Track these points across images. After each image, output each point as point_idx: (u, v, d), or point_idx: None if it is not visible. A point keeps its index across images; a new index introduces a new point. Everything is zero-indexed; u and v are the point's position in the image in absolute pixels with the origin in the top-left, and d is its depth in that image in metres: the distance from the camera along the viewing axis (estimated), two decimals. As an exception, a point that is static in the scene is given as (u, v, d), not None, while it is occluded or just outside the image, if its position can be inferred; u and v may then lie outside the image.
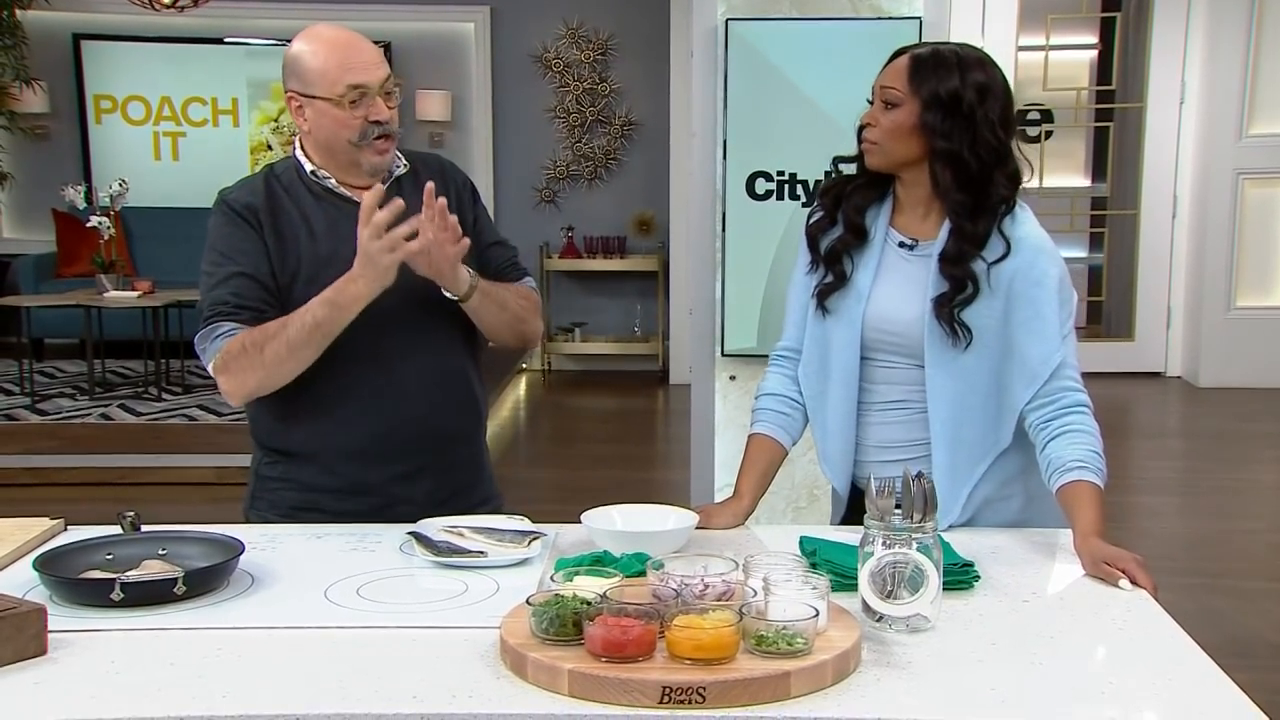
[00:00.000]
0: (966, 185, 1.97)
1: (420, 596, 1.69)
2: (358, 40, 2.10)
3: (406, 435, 2.12)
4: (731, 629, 1.38)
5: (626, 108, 8.39)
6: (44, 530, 1.93)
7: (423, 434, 2.14)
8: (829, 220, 2.11)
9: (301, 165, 2.15)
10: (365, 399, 2.09)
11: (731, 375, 3.34)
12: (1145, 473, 5.89)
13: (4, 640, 1.43)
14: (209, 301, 2.08)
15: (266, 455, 2.21)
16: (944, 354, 1.99)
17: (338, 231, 2.09)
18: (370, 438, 2.11)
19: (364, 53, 2.08)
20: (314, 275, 2.07)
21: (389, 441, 2.11)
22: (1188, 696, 1.40)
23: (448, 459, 2.18)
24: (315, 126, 2.10)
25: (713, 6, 3.26)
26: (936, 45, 2.04)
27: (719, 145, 3.27)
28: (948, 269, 1.98)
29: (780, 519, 3.22)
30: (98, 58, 8.87)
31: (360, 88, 2.04)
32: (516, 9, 8.34)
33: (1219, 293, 7.66)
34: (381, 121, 2.07)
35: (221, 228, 2.12)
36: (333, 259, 2.06)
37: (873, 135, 2.02)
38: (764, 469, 2.13)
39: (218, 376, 2.08)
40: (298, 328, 2.00)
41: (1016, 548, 1.92)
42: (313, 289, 2.05)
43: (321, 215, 2.12)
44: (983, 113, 1.96)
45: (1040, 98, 7.89)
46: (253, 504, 2.22)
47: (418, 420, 2.12)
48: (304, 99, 2.09)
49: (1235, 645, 3.68)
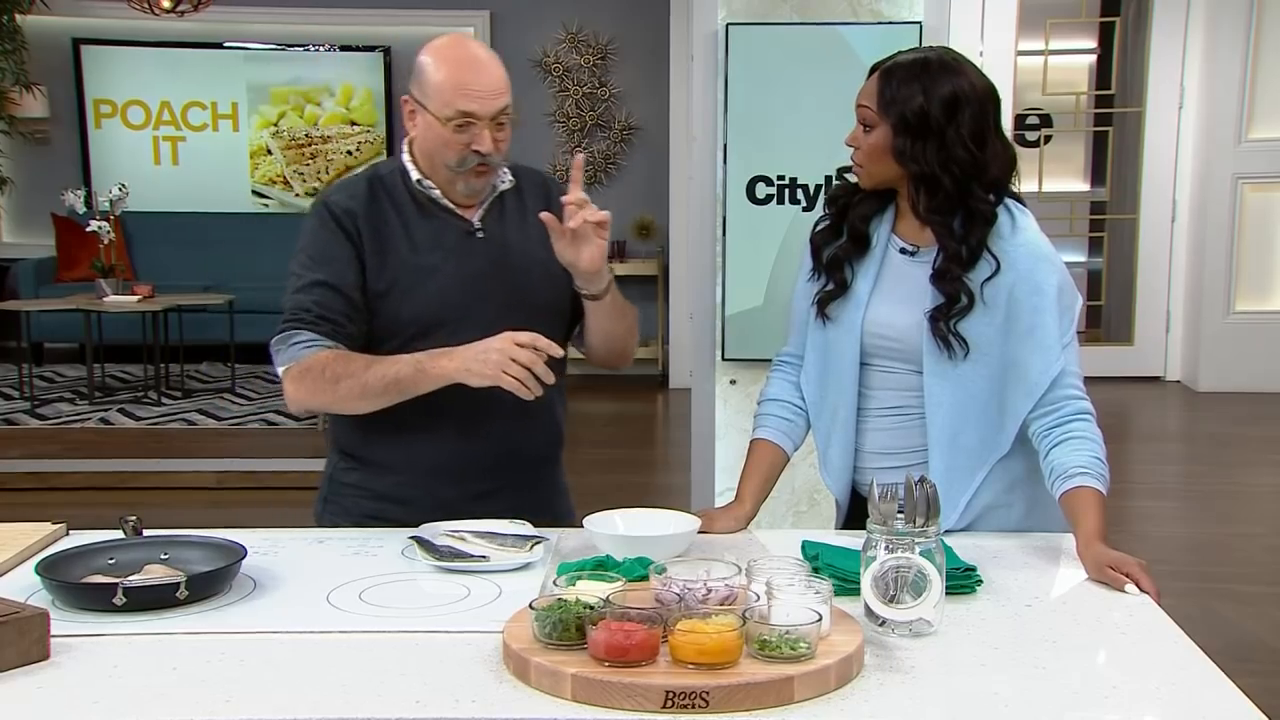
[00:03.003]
0: (944, 204, 1.96)
1: (422, 601, 1.69)
2: (484, 65, 2.02)
3: (488, 457, 2.10)
4: (734, 633, 1.38)
5: (626, 112, 8.40)
6: (46, 535, 1.93)
7: (504, 457, 2.11)
8: (834, 230, 2.11)
9: (408, 171, 2.11)
10: (451, 418, 2.04)
11: (732, 380, 3.34)
12: (1145, 477, 5.89)
13: (7, 645, 1.43)
14: (291, 305, 2.05)
15: (343, 460, 2.18)
16: (942, 364, 1.99)
17: (438, 243, 2.07)
18: (451, 456, 2.08)
19: (485, 80, 2.00)
20: (410, 287, 2.05)
21: (470, 462, 2.09)
22: (1191, 701, 1.40)
23: (526, 479, 2.14)
24: (421, 137, 2.06)
25: (713, 11, 3.26)
26: (905, 57, 2.00)
27: (719, 149, 3.28)
28: (938, 284, 1.98)
29: (781, 523, 3.22)
30: (97, 62, 8.88)
31: (469, 116, 1.99)
32: (516, 13, 8.35)
33: (1218, 297, 7.66)
34: (482, 152, 2.02)
35: (317, 230, 2.08)
36: (431, 272, 2.05)
37: (857, 158, 2.03)
38: (766, 474, 2.13)
39: (286, 383, 2.04)
40: (378, 377, 1.96)
41: (1019, 552, 1.92)
42: (409, 299, 2.03)
43: (423, 225, 2.09)
44: (953, 129, 1.94)
45: (1039, 102, 7.90)
46: (325, 507, 2.20)
47: (501, 443, 2.09)
48: (418, 106, 2.05)
49: (1237, 650, 3.68)
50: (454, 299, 2.07)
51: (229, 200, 9.03)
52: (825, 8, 3.21)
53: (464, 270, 2.08)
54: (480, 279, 2.08)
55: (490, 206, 2.13)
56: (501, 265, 2.10)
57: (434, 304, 2.06)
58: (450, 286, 2.07)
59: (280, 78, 9.00)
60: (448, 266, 2.02)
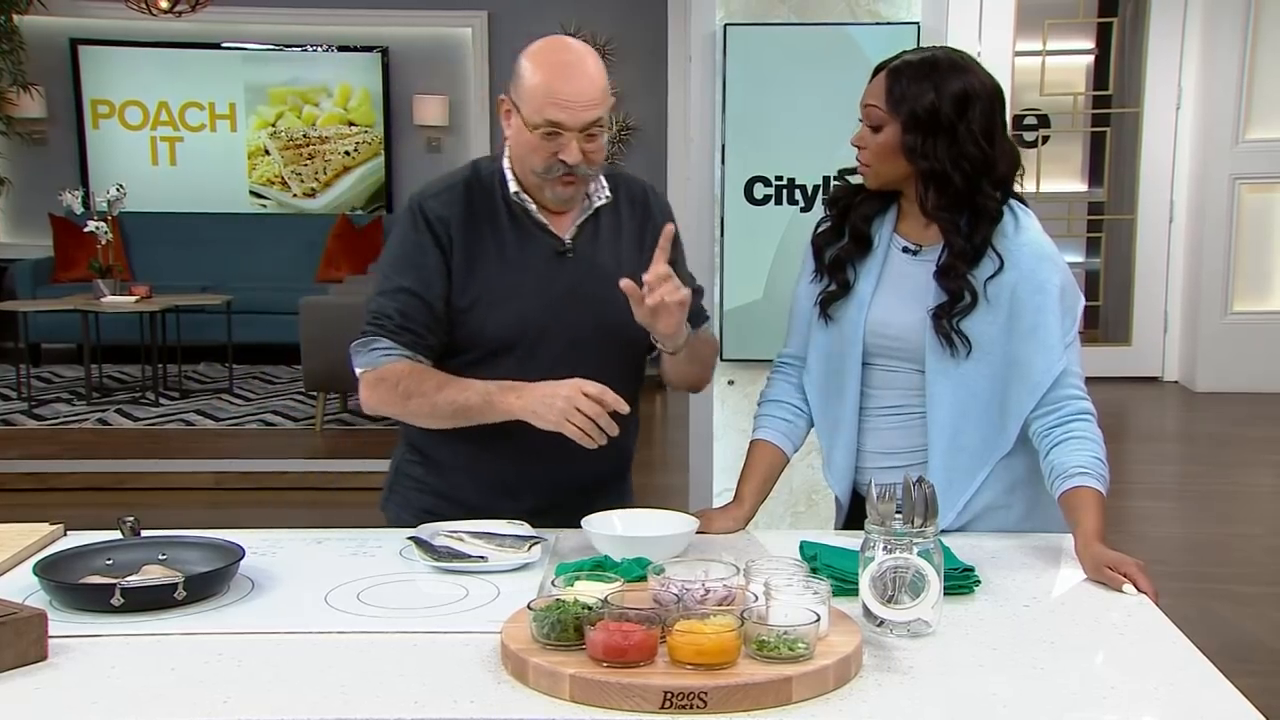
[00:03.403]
0: (954, 201, 1.96)
1: (421, 601, 1.69)
2: (581, 74, 1.97)
3: (554, 477, 2.07)
4: (733, 634, 1.38)
5: (624, 112, 8.40)
6: (44, 535, 1.93)
7: (565, 479, 2.07)
8: (836, 231, 2.11)
9: (506, 181, 2.07)
10: (517, 436, 1.97)
11: (730, 380, 3.35)
12: (1143, 477, 5.89)
13: (5, 645, 1.43)
14: (374, 308, 2.04)
15: (410, 452, 2.18)
16: (944, 362, 1.99)
17: (527, 257, 2.05)
18: (513, 472, 2.07)
19: (578, 90, 1.95)
20: (496, 301, 2.04)
21: (530, 481, 2.07)
22: (1189, 701, 1.40)
23: (588, 497, 2.07)
24: (514, 140, 2.04)
25: (711, 11, 3.27)
26: (912, 56, 2.00)
27: (717, 150, 3.28)
28: (942, 281, 1.98)
29: (779, 523, 3.22)
30: (95, 62, 8.88)
31: (557, 125, 1.95)
32: (514, 13, 8.36)
33: (1216, 297, 7.67)
34: (569, 163, 1.98)
35: (408, 233, 2.06)
36: (518, 288, 2.04)
37: (864, 158, 2.02)
38: (765, 475, 2.13)
39: (362, 387, 2.04)
40: (447, 402, 1.97)
41: (1017, 553, 1.92)
42: (493, 314, 2.03)
43: (515, 238, 2.06)
44: (964, 125, 1.94)
45: (1037, 103, 7.91)
46: (390, 497, 2.21)
47: (563, 467, 2.03)
48: (513, 107, 2.01)
49: (1235, 650, 3.68)
50: (534, 318, 2.05)
51: (226, 201, 9.04)
52: (823, 8, 3.21)
53: (549, 291, 2.06)
54: (563, 300, 2.06)
55: (584, 224, 2.10)
56: (586, 287, 2.07)
57: (514, 323, 2.05)
58: (533, 307, 2.05)
59: (278, 78, 9.00)
60: (533, 285, 2.01)
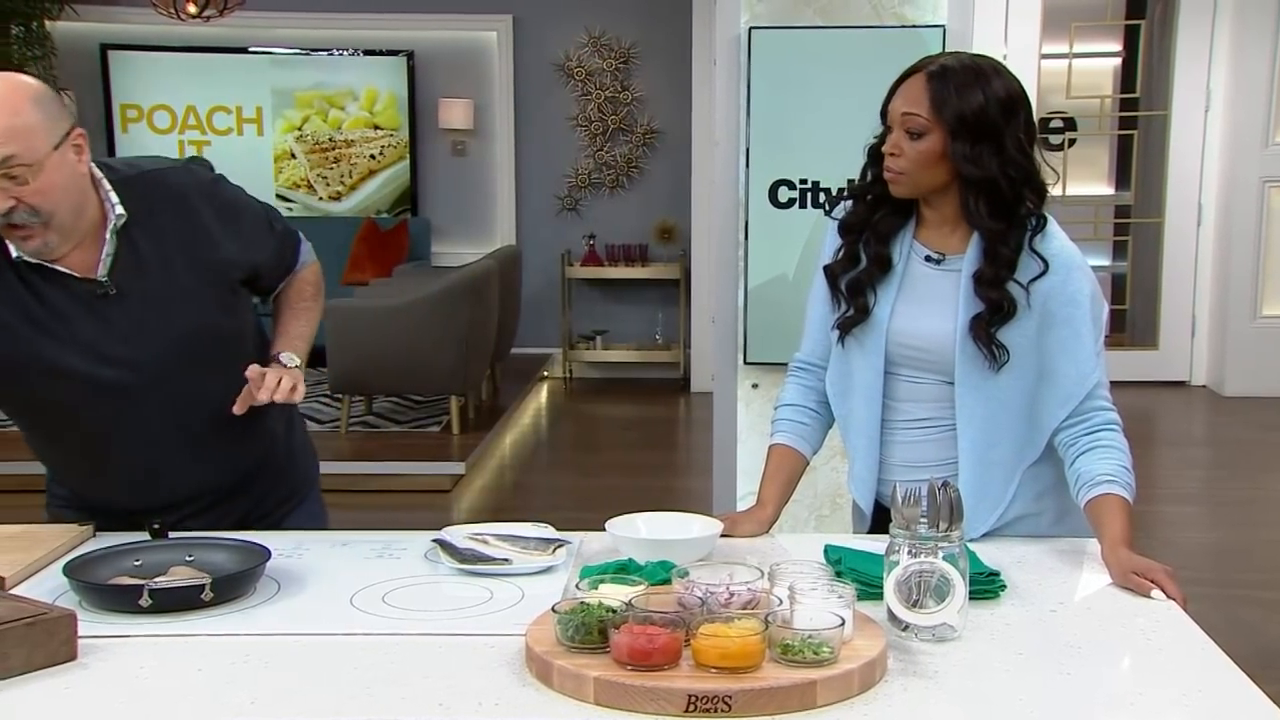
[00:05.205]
0: (999, 209, 1.91)
1: (445, 604, 1.69)
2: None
3: (179, 493, 2.02)
4: (757, 637, 1.38)
5: (649, 116, 8.40)
6: (74, 536, 1.94)
7: (202, 489, 2.03)
8: (851, 259, 2.03)
9: (6, 246, 1.82)
10: (126, 471, 1.96)
11: (754, 383, 3.34)
12: (1170, 482, 5.85)
13: (35, 645, 1.44)
14: None
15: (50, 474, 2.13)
16: (976, 374, 1.95)
17: (61, 312, 1.85)
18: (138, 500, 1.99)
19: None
20: (44, 370, 1.87)
21: (158, 500, 1.99)
22: (1217, 708, 1.39)
23: (241, 489, 2.06)
24: None
25: (736, 15, 3.27)
26: (947, 60, 1.94)
27: (741, 153, 3.28)
28: (984, 291, 1.92)
29: (803, 527, 3.22)
30: (124, 68, 8.94)
31: None
32: (539, 17, 8.37)
33: (1244, 301, 7.60)
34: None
35: None
36: (61, 349, 1.85)
37: (898, 165, 1.93)
38: (786, 478, 2.12)
39: None
40: None
41: (1043, 557, 1.91)
42: (47, 383, 1.88)
43: (35, 298, 1.84)
44: (1010, 130, 1.88)
45: (1064, 105, 7.86)
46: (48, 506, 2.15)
47: (188, 479, 2.01)
48: None
49: (1263, 656, 3.64)
50: (93, 370, 1.86)
51: (253, 204, 9.08)
52: (848, 11, 3.21)
53: (107, 336, 1.86)
54: (124, 341, 1.87)
55: (118, 254, 1.84)
56: (141, 316, 1.87)
57: (79, 386, 1.86)
58: (89, 360, 1.85)
59: (304, 82, 9.05)
60: (82, 338, 1.82)
